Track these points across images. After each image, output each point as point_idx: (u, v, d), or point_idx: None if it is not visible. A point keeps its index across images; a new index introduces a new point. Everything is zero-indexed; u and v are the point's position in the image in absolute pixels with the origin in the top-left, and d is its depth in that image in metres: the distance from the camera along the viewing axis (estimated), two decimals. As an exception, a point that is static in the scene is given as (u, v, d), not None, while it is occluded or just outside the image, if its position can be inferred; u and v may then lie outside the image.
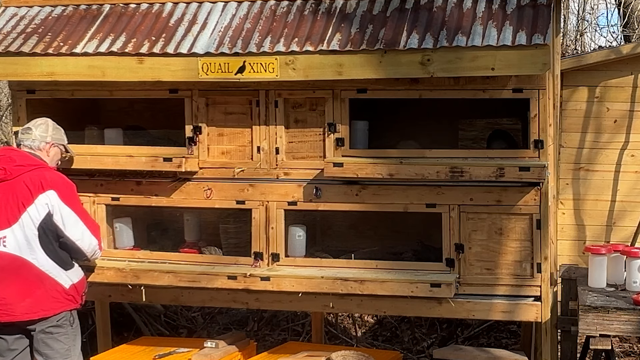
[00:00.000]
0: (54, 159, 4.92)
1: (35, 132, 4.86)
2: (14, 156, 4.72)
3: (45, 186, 4.64)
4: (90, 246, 4.77)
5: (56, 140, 4.92)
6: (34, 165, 4.72)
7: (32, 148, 4.83)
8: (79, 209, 4.76)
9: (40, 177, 4.67)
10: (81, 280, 4.80)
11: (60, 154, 4.97)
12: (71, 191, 4.74)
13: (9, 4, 5.41)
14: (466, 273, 4.86)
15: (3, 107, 12.48)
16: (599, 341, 4.46)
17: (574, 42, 13.55)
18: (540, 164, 4.66)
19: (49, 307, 4.63)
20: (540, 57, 4.45)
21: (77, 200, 4.80)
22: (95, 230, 4.81)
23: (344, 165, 4.81)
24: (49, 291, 4.63)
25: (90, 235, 4.75)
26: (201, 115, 5.12)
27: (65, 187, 4.71)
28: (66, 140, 5.01)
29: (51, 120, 4.96)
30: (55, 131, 4.93)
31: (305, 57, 4.70)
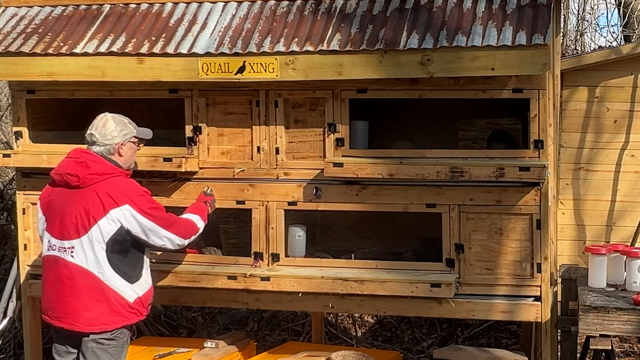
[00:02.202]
0: (130, 157, 4.64)
1: (99, 137, 4.54)
2: (90, 162, 4.47)
3: (119, 200, 4.42)
4: (174, 245, 4.62)
5: (125, 137, 4.59)
6: (108, 174, 4.48)
7: (104, 153, 4.54)
8: (156, 215, 4.51)
9: (114, 189, 4.45)
10: (148, 291, 4.62)
11: (135, 147, 4.67)
12: (146, 200, 4.52)
13: (9, 4, 5.41)
14: (466, 273, 4.86)
15: (3, 107, 12.48)
16: (599, 341, 4.46)
17: (574, 42, 13.54)
18: (540, 164, 4.66)
19: (111, 322, 4.48)
20: (540, 57, 4.45)
21: (152, 207, 4.53)
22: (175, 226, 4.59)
23: (344, 165, 4.81)
24: (113, 305, 4.46)
25: (171, 237, 4.57)
26: (201, 115, 5.12)
27: (140, 198, 4.50)
28: (135, 129, 4.64)
29: (110, 115, 4.63)
30: (120, 126, 4.59)
31: (305, 57, 4.70)
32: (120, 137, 4.56)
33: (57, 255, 4.48)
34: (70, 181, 4.46)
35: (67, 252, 4.45)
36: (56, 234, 4.49)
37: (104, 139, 4.52)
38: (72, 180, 4.45)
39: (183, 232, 4.63)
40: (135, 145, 4.66)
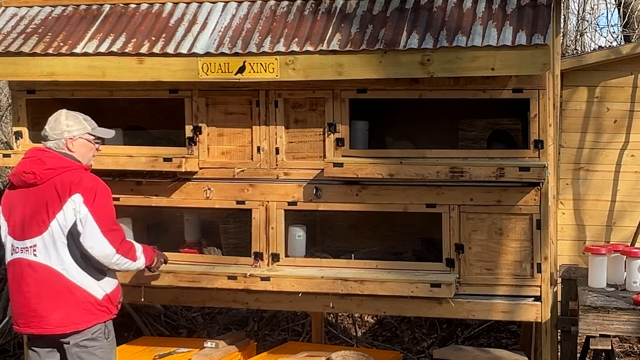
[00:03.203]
0: (83, 154, 4.44)
1: (50, 132, 4.42)
2: (45, 158, 4.34)
3: (73, 191, 4.25)
4: (104, 254, 4.29)
5: (76, 132, 4.42)
6: (64, 167, 4.33)
7: (54, 148, 4.40)
8: (100, 213, 4.28)
9: (70, 180, 4.28)
10: (115, 289, 4.44)
11: (90, 144, 4.47)
12: (98, 194, 4.29)
13: (9, 4, 5.41)
14: (466, 273, 4.86)
15: (3, 107, 12.49)
16: (599, 341, 4.46)
17: (574, 42, 13.55)
18: (540, 164, 4.66)
19: (81, 320, 4.30)
20: (540, 57, 4.45)
21: (102, 204, 4.31)
22: (115, 235, 4.32)
23: (344, 165, 4.81)
24: (81, 303, 4.30)
25: (104, 243, 4.27)
26: (201, 115, 5.12)
27: (91, 190, 4.28)
28: (90, 126, 4.48)
29: (65, 111, 4.49)
30: (71, 121, 4.44)
31: (305, 57, 4.70)
32: (69, 132, 4.40)
33: (20, 257, 4.33)
34: (27, 179, 4.33)
35: (29, 252, 4.30)
36: (18, 236, 4.35)
37: (53, 133, 4.40)
38: (29, 178, 4.33)
39: (120, 247, 4.33)
40: (91, 143, 4.47)
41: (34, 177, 4.32)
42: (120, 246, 4.34)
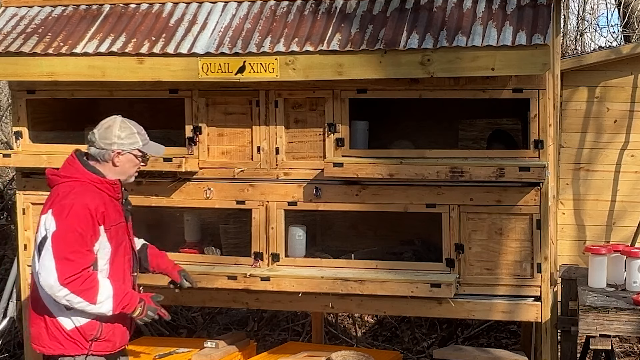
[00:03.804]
0: (125, 170, 4.11)
1: (98, 139, 4.06)
2: (65, 163, 4.08)
3: (54, 202, 3.94)
4: (48, 286, 3.86)
5: (127, 146, 4.08)
6: (68, 177, 4.01)
7: (98, 157, 4.07)
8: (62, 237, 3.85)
9: (59, 192, 3.97)
10: (89, 323, 3.99)
11: (136, 160, 4.14)
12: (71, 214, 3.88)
13: (9, 4, 5.41)
14: (466, 273, 4.86)
15: (3, 107, 12.49)
16: (599, 341, 4.46)
17: (574, 42, 13.55)
18: (540, 164, 4.66)
19: (47, 346, 4.02)
20: (540, 57, 4.45)
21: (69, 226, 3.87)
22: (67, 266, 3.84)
23: (344, 165, 4.81)
24: (49, 327, 3.99)
25: (49, 272, 3.83)
26: (201, 115, 5.12)
27: (66, 207, 3.89)
28: (143, 142, 4.14)
29: (121, 119, 4.14)
30: (125, 133, 4.07)
31: (305, 57, 4.70)
32: (120, 145, 4.07)
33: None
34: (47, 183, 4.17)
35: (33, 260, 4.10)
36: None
37: (102, 141, 4.07)
38: (46, 179, 4.15)
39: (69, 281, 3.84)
40: (137, 159, 4.14)
41: (47, 180, 4.14)
42: (69, 280, 3.84)
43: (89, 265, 3.95)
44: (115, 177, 4.11)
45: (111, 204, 4.08)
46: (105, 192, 4.06)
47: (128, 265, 4.23)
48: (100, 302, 3.95)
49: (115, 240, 4.09)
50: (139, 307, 4.11)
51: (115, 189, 4.11)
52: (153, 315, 4.19)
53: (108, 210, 4.04)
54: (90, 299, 3.91)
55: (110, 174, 4.10)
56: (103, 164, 4.09)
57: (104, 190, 4.06)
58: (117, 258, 4.12)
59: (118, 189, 4.13)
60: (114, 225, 4.08)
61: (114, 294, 3.99)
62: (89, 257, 3.94)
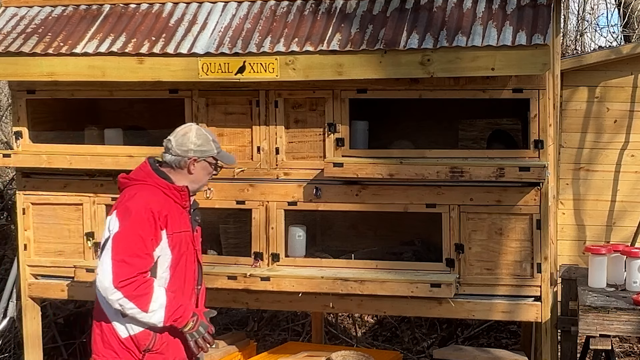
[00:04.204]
0: (199, 178, 4.05)
1: (174, 145, 4.01)
2: (137, 167, 4.04)
3: (119, 205, 3.89)
4: (102, 288, 3.79)
5: (202, 153, 4.03)
6: (137, 180, 3.95)
7: (174, 164, 4.01)
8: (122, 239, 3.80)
9: (125, 194, 3.92)
10: (143, 333, 3.88)
11: (209, 169, 4.09)
12: (133, 217, 3.81)
13: (9, 4, 5.41)
14: (466, 273, 4.86)
15: (3, 107, 12.49)
16: (599, 341, 4.46)
17: (574, 42, 13.55)
18: (540, 164, 4.66)
19: (102, 354, 3.92)
20: (540, 57, 4.45)
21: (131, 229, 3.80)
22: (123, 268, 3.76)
23: (344, 165, 4.81)
24: (104, 333, 3.90)
25: (105, 274, 3.77)
26: (201, 115, 5.12)
27: (129, 210, 3.83)
28: (217, 150, 4.10)
29: (196, 126, 4.13)
30: (200, 140, 4.03)
31: (305, 57, 4.70)
32: (196, 152, 4.01)
33: None
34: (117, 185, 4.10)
35: None
36: None
37: (179, 148, 4.00)
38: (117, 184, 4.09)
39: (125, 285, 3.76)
40: (211, 167, 4.09)
41: (118, 183, 4.06)
42: (124, 284, 3.76)
43: (146, 270, 3.83)
44: (189, 184, 4.02)
45: (177, 211, 3.97)
46: (171, 198, 3.96)
47: (191, 277, 4.08)
48: (152, 310, 3.82)
49: (178, 248, 3.96)
50: (191, 321, 3.95)
51: (183, 196, 4.00)
52: (203, 332, 4.01)
53: (172, 215, 3.93)
54: (142, 306, 3.79)
55: (184, 181, 4.01)
56: (177, 171, 4.01)
57: (171, 195, 3.96)
58: (179, 267, 3.98)
59: (185, 196, 4.01)
60: (177, 232, 3.94)
61: (167, 305, 3.85)
62: (147, 261, 3.83)
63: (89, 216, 5.32)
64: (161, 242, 3.88)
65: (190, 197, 4.05)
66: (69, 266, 5.28)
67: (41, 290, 5.48)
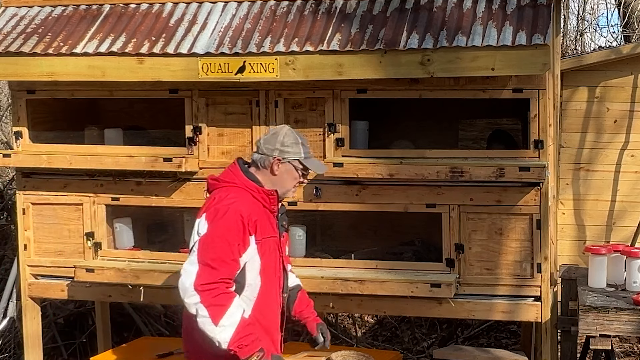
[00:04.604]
0: (283, 181, 3.88)
1: (262, 143, 3.90)
2: (226, 168, 3.92)
3: (208, 207, 3.76)
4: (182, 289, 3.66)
5: (287, 155, 3.88)
6: (226, 181, 3.84)
7: (259, 163, 3.89)
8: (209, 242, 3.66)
9: (214, 197, 3.79)
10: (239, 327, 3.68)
11: (295, 173, 3.91)
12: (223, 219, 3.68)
13: (9, 4, 5.42)
14: (466, 273, 4.86)
15: (3, 107, 12.49)
16: (599, 341, 4.46)
17: (574, 42, 13.55)
18: (540, 164, 4.66)
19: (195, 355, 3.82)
20: (540, 57, 4.45)
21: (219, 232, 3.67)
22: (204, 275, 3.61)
23: (344, 165, 4.81)
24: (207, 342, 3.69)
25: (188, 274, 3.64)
26: (201, 115, 5.12)
27: (218, 211, 3.70)
28: (305, 154, 3.94)
29: (289, 128, 3.98)
30: (289, 141, 3.89)
31: (305, 57, 4.70)
32: (281, 152, 3.86)
33: None
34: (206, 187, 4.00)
35: None
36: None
37: (265, 146, 3.88)
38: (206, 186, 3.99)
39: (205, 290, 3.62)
40: (297, 172, 3.90)
41: (207, 185, 3.97)
42: (205, 288, 3.61)
43: (231, 277, 3.69)
44: (273, 187, 3.88)
45: (265, 215, 3.84)
46: (260, 202, 3.83)
47: (277, 284, 3.96)
48: (222, 326, 3.61)
49: (267, 254, 3.83)
50: (255, 355, 3.69)
51: (272, 200, 3.86)
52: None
53: (261, 220, 3.80)
54: (214, 317, 3.59)
55: (268, 183, 3.87)
56: (262, 171, 3.89)
57: (259, 199, 3.83)
58: (266, 274, 3.85)
59: (274, 200, 3.88)
60: (265, 237, 3.81)
61: (239, 326, 3.64)
62: (232, 267, 3.69)
63: (89, 216, 5.33)
64: (249, 248, 3.74)
65: (278, 201, 3.92)
66: (69, 266, 5.29)
67: (41, 290, 5.48)
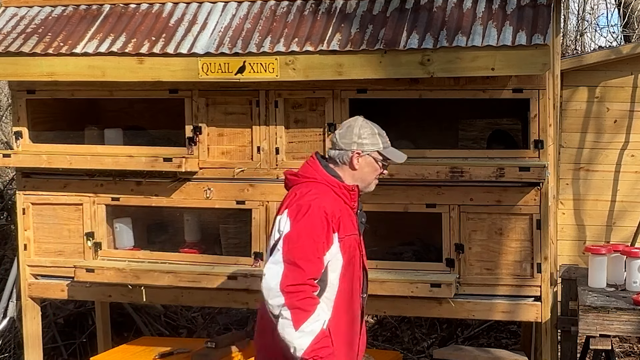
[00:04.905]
0: (364, 175, 3.71)
1: (338, 138, 3.70)
2: (305, 163, 3.73)
3: (290, 203, 3.56)
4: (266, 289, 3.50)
5: (366, 147, 3.69)
6: (307, 177, 3.65)
7: (337, 159, 3.70)
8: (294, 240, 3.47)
9: (296, 192, 3.60)
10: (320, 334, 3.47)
11: (376, 165, 3.73)
12: (307, 217, 3.49)
13: (9, 4, 5.42)
14: (466, 273, 4.86)
15: (3, 107, 12.49)
16: (599, 341, 4.46)
17: (574, 42, 13.56)
18: (540, 164, 4.66)
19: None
20: (540, 57, 4.45)
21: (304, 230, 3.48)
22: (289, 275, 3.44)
23: (344, 165, 4.80)
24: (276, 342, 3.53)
25: (273, 274, 3.47)
26: (201, 115, 5.12)
27: (302, 208, 3.51)
28: (384, 144, 3.74)
29: (363, 119, 3.76)
30: (366, 133, 3.69)
31: (305, 57, 4.70)
32: (360, 144, 3.68)
33: None
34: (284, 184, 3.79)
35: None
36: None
37: (342, 141, 3.68)
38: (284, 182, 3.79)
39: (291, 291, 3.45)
40: (377, 163, 3.72)
41: (285, 182, 3.76)
42: (291, 289, 3.44)
43: (317, 276, 3.50)
44: (354, 182, 3.71)
45: (346, 212, 3.66)
46: (341, 198, 3.65)
47: (358, 285, 3.74)
48: (302, 332, 3.42)
49: (348, 253, 3.64)
50: None
51: (352, 196, 3.69)
52: None
53: (343, 217, 3.62)
54: (296, 321, 3.42)
55: (349, 178, 3.70)
56: (342, 167, 3.70)
57: (341, 195, 3.65)
58: (347, 274, 3.65)
59: (355, 196, 3.71)
60: (347, 235, 3.63)
61: (318, 335, 3.44)
62: (318, 266, 3.50)
63: (89, 216, 5.33)
64: (332, 246, 3.56)
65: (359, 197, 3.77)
66: (69, 266, 5.29)
67: (41, 290, 5.48)
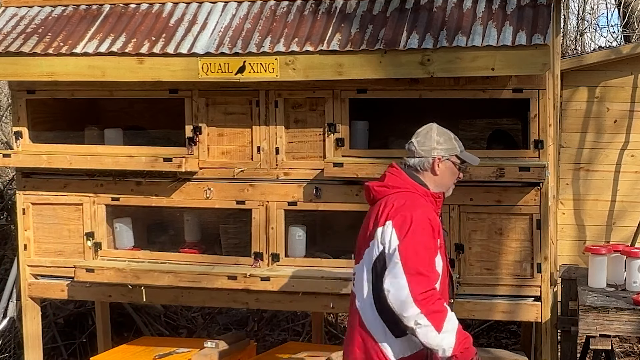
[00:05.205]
0: (445, 179, 3.74)
1: (417, 147, 3.74)
2: (387, 175, 3.72)
3: (389, 215, 3.55)
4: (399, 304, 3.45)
5: (446, 152, 3.73)
6: (398, 187, 3.66)
7: (418, 166, 3.73)
8: (409, 252, 3.47)
9: (393, 203, 3.58)
10: (416, 355, 3.55)
11: (454, 169, 3.77)
12: (413, 227, 3.50)
13: (9, 4, 5.42)
14: (466, 273, 4.86)
15: (3, 107, 12.49)
16: (599, 341, 4.46)
17: (574, 42, 13.56)
18: (540, 164, 4.66)
19: None
20: (540, 57, 4.45)
21: (415, 240, 3.49)
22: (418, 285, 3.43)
23: (344, 165, 4.81)
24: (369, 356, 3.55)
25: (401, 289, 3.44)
26: (201, 115, 5.12)
27: (406, 219, 3.52)
28: (459, 148, 3.80)
29: (436, 125, 3.83)
30: (443, 138, 3.75)
31: (305, 57, 4.70)
32: (440, 150, 3.72)
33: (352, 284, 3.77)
34: (366, 196, 3.78)
35: (353, 280, 3.74)
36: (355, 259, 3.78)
37: (421, 148, 3.72)
38: (366, 193, 3.77)
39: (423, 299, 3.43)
40: (455, 167, 3.77)
41: (373, 192, 3.73)
42: (423, 297, 3.44)
43: (437, 281, 3.54)
44: (436, 188, 3.74)
45: (437, 219, 3.69)
46: (431, 205, 3.70)
47: (446, 291, 3.74)
48: (445, 331, 3.44)
49: (442, 259, 3.67)
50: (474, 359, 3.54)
51: (438, 203, 3.74)
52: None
53: (437, 225, 3.65)
54: (437, 324, 3.43)
55: (431, 184, 3.73)
56: (423, 174, 3.73)
57: (430, 203, 3.70)
58: (442, 280, 3.66)
59: (440, 203, 3.76)
60: (442, 242, 3.68)
61: (458, 331, 3.47)
62: (436, 273, 3.55)
63: (88, 216, 5.33)
64: (437, 253, 3.61)
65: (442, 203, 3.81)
66: (69, 266, 5.29)
67: (41, 290, 5.48)
